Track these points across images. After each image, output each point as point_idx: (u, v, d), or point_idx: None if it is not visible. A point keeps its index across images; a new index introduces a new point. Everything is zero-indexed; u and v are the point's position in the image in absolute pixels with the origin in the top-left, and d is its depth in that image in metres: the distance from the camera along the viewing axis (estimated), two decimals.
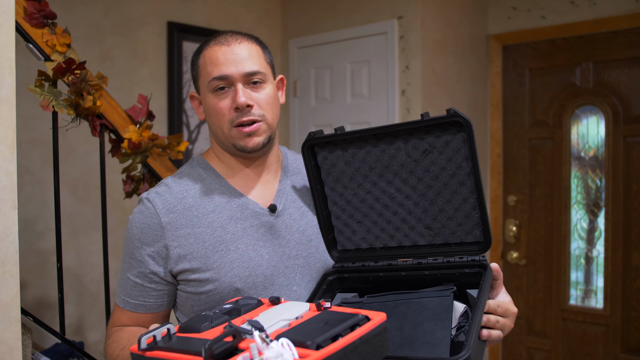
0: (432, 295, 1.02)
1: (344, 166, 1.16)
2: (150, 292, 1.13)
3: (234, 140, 1.13)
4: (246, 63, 1.11)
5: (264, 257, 1.12)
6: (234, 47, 1.12)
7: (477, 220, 1.07)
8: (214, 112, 1.13)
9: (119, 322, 1.17)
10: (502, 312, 1.00)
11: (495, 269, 1.03)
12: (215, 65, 1.11)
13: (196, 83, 1.19)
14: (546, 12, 2.93)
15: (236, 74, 1.11)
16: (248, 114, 1.11)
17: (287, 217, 1.18)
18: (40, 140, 2.39)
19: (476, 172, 1.03)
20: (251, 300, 0.89)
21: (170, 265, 1.11)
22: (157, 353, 0.75)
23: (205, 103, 1.15)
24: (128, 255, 1.14)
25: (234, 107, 1.11)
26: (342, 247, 1.20)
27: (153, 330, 0.78)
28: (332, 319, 0.76)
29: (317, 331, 0.72)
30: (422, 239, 1.12)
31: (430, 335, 0.92)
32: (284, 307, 0.85)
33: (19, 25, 1.53)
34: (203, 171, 1.19)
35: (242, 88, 1.11)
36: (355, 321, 0.75)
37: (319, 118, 3.16)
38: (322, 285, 1.14)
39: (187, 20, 2.90)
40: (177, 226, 1.11)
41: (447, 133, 1.04)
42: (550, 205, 3.00)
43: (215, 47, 1.13)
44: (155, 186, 1.17)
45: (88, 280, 2.55)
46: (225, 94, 1.12)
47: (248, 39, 1.16)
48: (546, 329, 3.02)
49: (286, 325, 0.77)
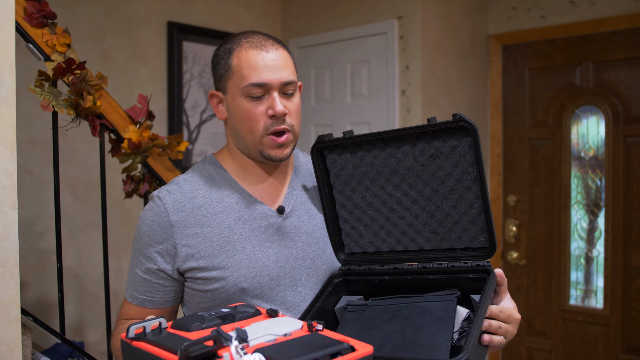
0: (435, 299, 1.02)
1: (352, 169, 1.16)
2: (158, 288, 1.15)
3: (264, 148, 1.14)
4: (284, 72, 1.12)
5: (270, 258, 1.13)
6: (272, 54, 1.12)
7: (483, 225, 1.07)
8: (248, 117, 1.12)
9: (126, 316, 1.19)
10: (505, 318, 1.00)
11: (499, 274, 1.03)
12: (254, 70, 1.10)
13: (223, 82, 1.16)
14: (546, 12, 2.93)
15: (275, 82, 1.11)
16: (282, 122, 1.12)
17: (295, 219, 1.18)
18: (40, 140, 2.39)
19: (482, 177, 1.03)
20: (250, 308, 0.90)
21: (177, 263, 1.12)
22: (140, 344, 0.76)
23: (236, 106, 1.14)
24: (137, 252, 1.16)
25: (270, 115, 1.11)
26: (349, 250, 1.21)
27: (144, 321, 0.79)
28: (316, 343, 0.75)
29: (295, 352, 0.72)
30: (428, 244, 1.13)
31: (432, 338, 0.93)
32: (276, 322, 0.85)
33: (19, 25, 1.53)
34: (214, 171, 1.19)
35: (278, 96, 1.11)
36: (338, 349, 0.74)
37: (319, 118, 3.16)
38: (327, 287, 1.15)
39: (187, 20, 2.90)
40: (186, 225, 1.12)
41: (453, 138, 1.05)
42: (550, 205, 3.00)
43: (253, 51, 1.11)
44: (167, 184, 1.19)
45: (88, 280, 2.55)
46: (261, 100, 1.12)
47: (280, 45, 1.15)
48: (546, 329, 3.02)
49: (272, 340, 0.78)
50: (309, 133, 3.18)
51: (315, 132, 3.17)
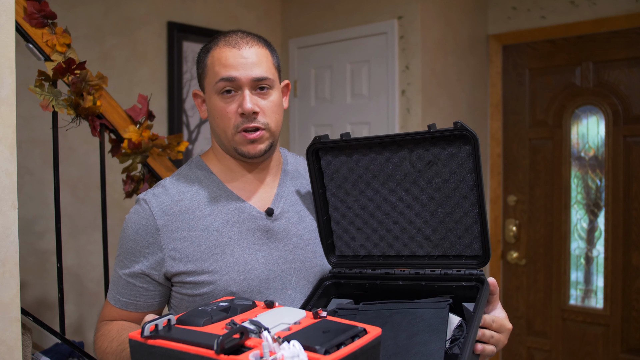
0: (427, 306, 1.01)
1: (347, 172, 1.15)
2: (142, 292, 1.13)
3: (237, 145, 1.13)
4: (255, 68, 1.10)
5: (259, 261, 1.12)
6: (244, 51, 1.11)
7: (477, 234, 1.06)
8: (219, 114, 1.12)
9: (108, 317, 1.18)
10: (497, 328, 1.00)
11: (492, 283, 1.02)
12: (224, 66, 1.10)
13: (201, 81, 1.17)
14: (546, 12, 2.93)
15: (244, 78, 1.10)
16: (253, 120, 1.11)
17: (284, 221, 1.17)
18: (40, 140, 2.39)
19: (479, 186, 1.03)
20: (246, 300, 0.90)
21: (164, 268, 1.11)
22: (161, 342, 0.76)
23: (211, 104, 1.14)
24: (122, 254, 1.14)
25: (240, 112, 1.10)
26: (340, 252, 1.20)
27: (156, 319, 0.78)
28: (333, 328, 0.78)
29: (321, 338, 0.75)
30: (420, 250, 1.12)
31: (425, 346, 0.92)
32: (282, 311, 0.86)
33: (19, 25, 1.53)
34: (201, 173, 1.18)
35: (249, 94, 1.10)
36: (356, 332, 0.78)
37: (319, 118, 3.16)
38: (318, 290, 1.14)
39: (187, 20, 2.90)
40: (172, 229, 1.10)
41: (452, 145, 1.04)
42: (550, 205, 3.00)
43: (225, 49, 1.11)
44: (153, 187, 1.17)
45: (88, 280, 2.56)
46: (231, 98, 1.11)
47: (258, 42, 1.14)
48: (546, 329, 3.02)
49: (287, 329, 0.79)
50: (309, 133, 3.18)
51: (315, 132, 3.17)
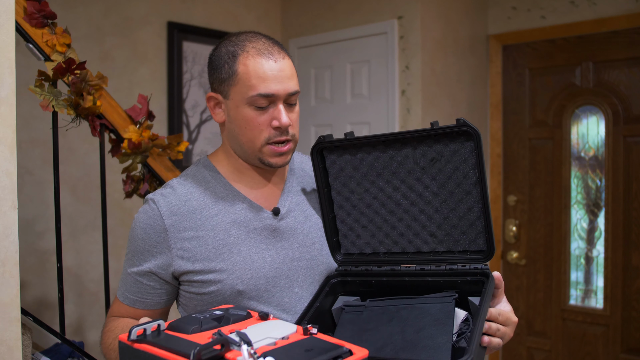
0: (433, 301, 1.02)
1: (352, 171, 1.16)
2: (149, 290, 1.15)
3: (263, 156, 1.13)
4: (290, 82, 1.11)
5: (266, 260, 1.13)
6: (280, 63, 1.11)
7: (481, 229, 1.07)
8: (250, 125, 1.11)
9: (117, 313, 1.19)
10: (503, 321, 1.01)
11: (497, 277, 1.03)
12: (263, 81, 1.08)
13: (225, 87, 1.13)
14: (546, 12, 2.93)
15: (282, 94, 1.10)
16: (286, 133, 1.12)
17: (291, 220, 1.18)
18: (40, 140, 2.39)
19: (482, 181, 1.04)
20: (241, 311, 0.90)
21: (172, 267, 1.12)
22: (146, 347, 0.77)
23: (239, 113, 1.12)
24: (130, 253, 1.16)
25: (275, 126, 1.11)
26: (346, 250, 1.21)
27: (145, 323, 0.79)
28: (318, 347, 0.77)
29: (302, 356, 0.74)
30: (425, 246, 1.13)
31: (432, 340, 0.93)
32: (272, 325, 0.86)
33: (19, 25, 1.53)
34: (208, 173, 1.19)
35: (283, 108, 1.11)
36: (339, 353, 0.76)
37: (319, 118, 3.16)
38: (324, 288, 1.15)
39: (187, 20, 2.90)
40: (180, 229, 1.11)
41: (455, 142, 1.05)
42: (550, 205, 3.00)
43: (261, 59, 1.10)
44: (161, 187, 1.18)
45: (88, 280, 2.56)
46: (265, 110, 1.11)
47: (285, 51, 1.15)
48: (546, 329, 3.02)
49: (272, 344, 0.78)
50: (309, 133, 3.18)
51: (315, 132, 3.17)
